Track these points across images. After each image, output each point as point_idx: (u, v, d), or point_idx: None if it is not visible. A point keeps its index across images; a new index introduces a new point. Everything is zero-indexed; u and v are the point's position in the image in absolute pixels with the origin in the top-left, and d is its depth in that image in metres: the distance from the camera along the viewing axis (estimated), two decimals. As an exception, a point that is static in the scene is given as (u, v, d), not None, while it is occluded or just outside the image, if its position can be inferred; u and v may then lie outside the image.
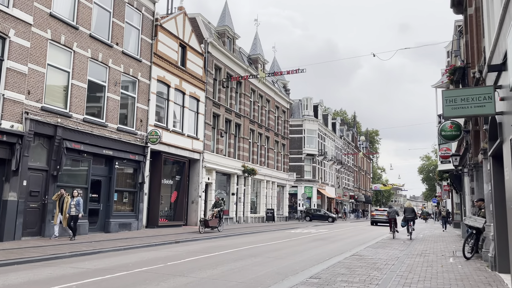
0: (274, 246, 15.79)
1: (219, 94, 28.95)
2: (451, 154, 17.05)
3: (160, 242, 15.47)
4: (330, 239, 20.09)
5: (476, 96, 7.24)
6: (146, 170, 20.88)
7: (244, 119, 32.29)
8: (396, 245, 16.35)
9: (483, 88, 7.37)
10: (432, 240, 19.43)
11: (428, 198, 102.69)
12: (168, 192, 23.71)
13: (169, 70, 23.09)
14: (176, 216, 24.17)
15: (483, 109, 7.20)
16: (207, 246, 14.93)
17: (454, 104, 7.48)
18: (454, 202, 35.19)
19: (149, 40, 21.54)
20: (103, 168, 18.58)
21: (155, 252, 12.77)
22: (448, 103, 7.54)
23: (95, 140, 17.54)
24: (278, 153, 39.77)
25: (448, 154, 23.23)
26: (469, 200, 18.76)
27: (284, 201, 41.58)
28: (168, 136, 22.82)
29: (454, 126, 14.54)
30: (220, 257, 11.85)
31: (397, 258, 11.91)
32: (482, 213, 11.70)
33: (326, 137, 57.55)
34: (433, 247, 15.42)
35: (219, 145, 28.61)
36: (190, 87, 25.13)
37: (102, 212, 18.36)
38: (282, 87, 43.13)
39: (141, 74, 20.77)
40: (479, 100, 7.20)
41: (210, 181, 27.33)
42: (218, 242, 16.73)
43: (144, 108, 20.97)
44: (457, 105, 7.46)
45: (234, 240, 18.09)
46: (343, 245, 16.87)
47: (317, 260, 11.55)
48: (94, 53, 17.86)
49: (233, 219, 30.13)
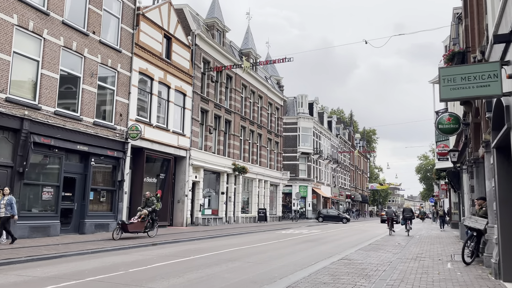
0: (259, 248, 14.63)
1: (207, 89, 27.76)
2: (449, 150, 15.89)
3: (136, 244, 14.31)
4: (321, 240, 18.94)
5: (479, 74, 6.09)
6: (126, 167, 19.68)
7: (234, 116, 31.11)
8: (389, 248, 15.21)
9: (487, 65, 6.21)
10: (429, 241, 18.30)
11: (425, 198, 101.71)
12: (151, 190, 22.45)
13: (153, 62, 21.89)
14: (161, 216, 22.92)
15: (488, 89, 6.04)
16: (185, 249, 13.77)
17: (453, 84, 6.33)
18: (452, 201, 34.06)
19: (130, 29, 20.33)
20: (77, 165, 17.37)
21: (123, 256, 11.58)
22: (446, 83, 6.39)
23: (68, 134, 16.33)
24: (271, 151, 38.60)
25: (445, 151, 22.10)
26: (467, 199, 17.63)
27: (277, 200, 40.40)
28: (151, 132, 21.63)
29: (453, 119, 13.44)
30: (194, 262, 10.69)
31: (389, 263, 10.77)
32: (482, 212, 10.57)
33: (321, 135, 56.40)
34: (429, 250, 14.27)
35: (208, 142, 27.43)
36: (175, 80, 23.93)
37: (76, 212, 17.15)
38: (275, 84, 41.96)
39: (121, 66, 19.57)
40: (482, 79, 6.05)
41: (197, 179, 26.14)
42: (201, 244, 15.57)
43: (124, 102, 19.77)
44: (457, 85, 6.30)
45: (218, 242, 16.93)
46: (333, 247, 15.72)
47: (301, 265, 10.39)
48: (68, 41, 16.65)
49: (222, 219, 28.95)
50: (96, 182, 18.21)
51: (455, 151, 15.90)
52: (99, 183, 18.43)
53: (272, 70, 43.45)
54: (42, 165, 15.80)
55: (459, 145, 16.27)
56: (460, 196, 21.98)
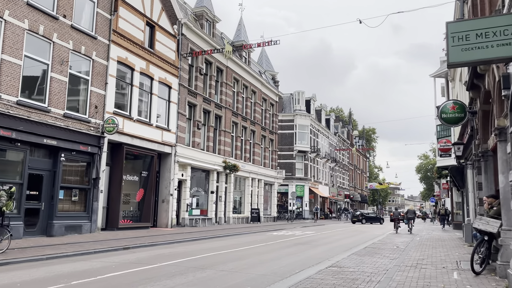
0: (240, 253, 13.10)
1: (196, 82, 26.23)
2: (453, 143, 14.32)
3: (105, 248, 12.80)
4: (313, 243, 17.42)
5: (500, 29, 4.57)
6: (102, 164, 18.16)
7: (225, 111, 29.57)
8: (387, 252, 13.68)
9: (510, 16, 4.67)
10: (430, 244, 16.77)
11: (426, 198, 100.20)
12: (132, 189, 21.00)
13: (133, 51, 20.36)
14: (143, 217, 21.45)
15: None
16: (157, 254, 12.25)
17: (465, 43, 4.81)
18: (454, 201, 32.52)
19: (107, 15, 18.81)
20: (45, 161, 15.84)
21: (79, 264, 10.06)
22: (456, 42, 4.86)
23: (33, 127, 14.81)
24: (265, 148, 37.06)
25: (448, 146, 20.54)
26: (473, 197, 16.11)
27: (272, 200, 38.85)
28: (132, 126, 20.11)
29: (457, 107, 11.92)
30: (157, 271, 9.17)
31: (385, 271, 9.24)
32: (493, 212, 9.06)
33: (319, 133, 54.86)
34: (432, 255, 12.74)
35: (196, 138, 25.90)
36: (159, 72, 22.40)
37: (44, 213, 15.61)
38: (270, 79, 40.41)
39: (96, 54, 18.04)
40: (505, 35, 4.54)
41: (184, 177, 24.61)
42: (178, 248, 14.05)
43: (100, 93, 18.25)
44: (470, 45, 4.79)
45: (199, 245, 15.40)
46: (325, 251, 14.19)
47: (282, 275, 8.88)
48: (33, 25, 15.13)
49: (212, 220, 27.40)
50: (67, 179, 16.67)
51: (460, 144, 14.34)
52: (71, 181, 16.89)
53: (267, 65, 41.93)
54: (1, 160, 14.26)
55: (464, 138, 14.75)
56: (463, 195, 20.45)
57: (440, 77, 31.10)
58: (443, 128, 29.19)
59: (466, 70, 12.71)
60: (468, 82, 10.75)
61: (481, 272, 8.64)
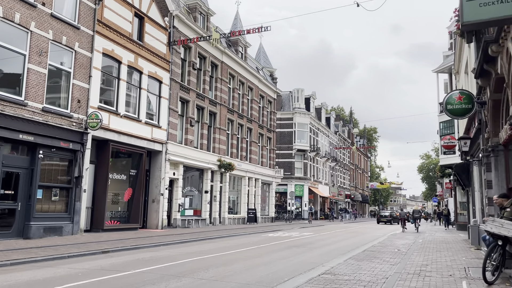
0: (228, 257, 12.06)
1: (188, 77, 25.19)
2: (459, 137, 13.21)
3: (81, 252, 11.80)
4: (309, 245, 16.37)
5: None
6: (86, 161, 17.14)
7: (220, 107, 28.54)
8: (387, 256, 12.62)
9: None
10: (434, 247, 15.69)
11: (428, 198, 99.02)
12: (120, 189, 19.99)
13: (120, 43, 19.35)
14: (132, 218, 20.43)
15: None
16: (136, 259, 11.23)
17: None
18: (457, 201, 31.42)
19: (91, 4, 17.80)
20: (21, 158, 14.83)
21: (41, 271, 9.03)
22: (472, -4, 3.83)
23: (7, 121, 13.79)
24: (263, 147, 36.02)
25: (452, 143, 19.46)
26: (479, 197, 15.04)
27: (270, 200, 37.79)
28: (119, 122, 19.09)
29: (464, 97, 10.87)
30: (128, 280, 8.14)
31: (384, 280, 8.20)
32: (508, 214, 8.01)
33: (319, 132, 53.79)
34: (436, 260, 11.68)
35: (189, 135, 24.86)
36: (149, 65, 21.37)
37: (20, 213, 14.58)
38: (268, 76, 39.35)
39: (79, 45, 17.03)
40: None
41: (176, 176, 23.58)
42: (162, 252, 13.03)
43: (84, 86, 17.23)
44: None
45: (186, 248, 14.37)
46: (321, 255, 13.14)
47: (268, 284, 7.84)
48: (8, 12, 14.11)
49: (205, 221, 26.35)
50: (47, 178, 15.64)
51: (466, 138, 13.25)
52: (51, 180, 15.85)
53: (265, 61, 40.91)
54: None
55: (471, 132, 13.67)
56: (468, 194, 19.38)
57: (443, 72, 30.01)
58: (446, 125, 28.11)
59: (473, 58, 11.64)
60: (476, 69, 9.69)
61: (494, 281, 7.57)
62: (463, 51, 17.32)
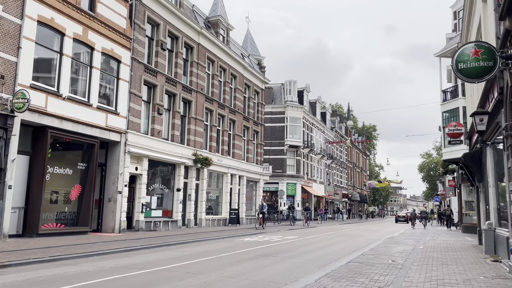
0: (159, 275, 8.91)
1: (156, 58, 22.05)
2: (473, 113, 9.93)
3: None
4: (284, 253, 13.23)
5: None
6: (12, 151, 14.02)
7: (197, 95, 25.40)
8: (377, 269, 9.46)
9: None
10: (438, 257, 12.53)
11: (428, 198, 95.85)
12: (65, 185, 16.85)
13: (63, 12, 16.23)
14: (81, 220, 17.30)
15: None
16: (25, 279, 8.11)
17: None
18: (462, 199, 28.27)
19: (21, -40, 14.67)
20: None
21: None
22: None
23: None
24: (249, 141, 32.89)
25: (459, 130, 16.27)
26: (495, 194, 11.88)
27: (257, 199, 34.60)
28: (61, 105, 15.97)
29: (483, 52, 7.82)
30: None
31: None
32: None
33: (313, 127, 50.65)
34: (443, 279, 8.51)
35: (156, 125, 21.71)
36: (103, 41, 18.25)
37: None
38: (255, 64, 36.19)
39: (3, 8, 13.91)
40: None
41: (139, 172, 20.44)
42: (69, 268, 9.91)
43: (10, 60, 14.10)
44: None
45: (116, 261, 11.24)
46: (291, 268, 10.01)
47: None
48: None
49: (177, 223, 23.17)
50: (-45, 170, 12.53)
51: (483, 113, 10.00)
52: (-39, 173, 12.76)
53: (252, 48, 37.77)
54: None
55: (487, 106, 10.47)
56: (478, 191, 16.22)
57: (446, 56, 26.88)
58: (451, 114, 24.93)
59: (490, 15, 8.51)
60: (503, 4, 6.55)
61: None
62: (473, 15, 14.17)
